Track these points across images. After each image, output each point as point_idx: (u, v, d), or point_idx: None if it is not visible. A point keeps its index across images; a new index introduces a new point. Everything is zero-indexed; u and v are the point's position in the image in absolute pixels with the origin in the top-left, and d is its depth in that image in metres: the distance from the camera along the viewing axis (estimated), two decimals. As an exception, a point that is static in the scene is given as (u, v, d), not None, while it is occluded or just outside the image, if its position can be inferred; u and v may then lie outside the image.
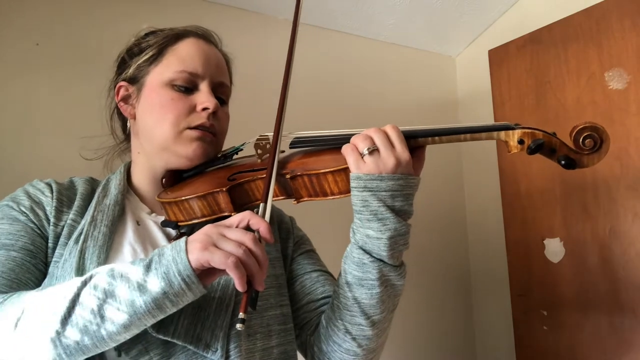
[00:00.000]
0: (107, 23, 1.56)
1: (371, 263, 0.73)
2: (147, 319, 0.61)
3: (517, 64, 1.90)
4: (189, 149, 0.80)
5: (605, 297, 1.61)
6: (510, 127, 0.75)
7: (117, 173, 0.86)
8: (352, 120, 2.04)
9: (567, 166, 0.74)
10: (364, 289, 0.74)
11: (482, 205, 2.29)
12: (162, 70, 0.82)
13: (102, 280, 0.61)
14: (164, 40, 0.84)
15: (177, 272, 0.60)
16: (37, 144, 1.40)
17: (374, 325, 0.76)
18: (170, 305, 0.61)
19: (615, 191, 1.60)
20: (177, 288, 0.60)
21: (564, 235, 1.73)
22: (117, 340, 0.61)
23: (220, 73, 0.86)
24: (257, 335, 0.75)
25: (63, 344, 0.59)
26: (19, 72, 1.41)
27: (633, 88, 1.58)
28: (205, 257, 0.60)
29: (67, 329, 0.59)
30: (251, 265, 0.61)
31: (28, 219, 0.75)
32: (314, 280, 0.89)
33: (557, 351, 1.73)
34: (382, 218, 0.71)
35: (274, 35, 1.89)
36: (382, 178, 0.70)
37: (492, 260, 2.21)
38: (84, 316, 0.59)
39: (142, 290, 0.60)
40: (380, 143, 0.72)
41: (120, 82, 0.86)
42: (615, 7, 1.63)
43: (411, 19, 2.11)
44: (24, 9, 1.44)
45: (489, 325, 2.26)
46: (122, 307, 0.59)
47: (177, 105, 0.80)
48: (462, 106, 2.45)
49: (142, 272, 0.61)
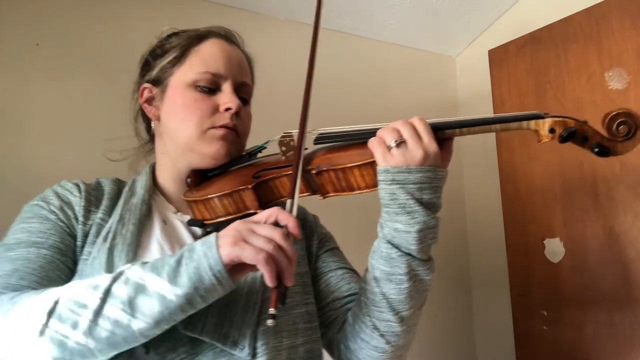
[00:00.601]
0: (107, 23, 1.56)
1: (399, 257, 0.72)
2: (177, 314, 0.61)
3: (517, 64, 1.90)
4: (213, 148, 0.81)
5: (606, 297, 1.61)
6: (541, 116, 0.74)
7: (143, 174, 0.87)
8: (352, 120, 2.04)
9: (600, 154, 0.72)
10: (392, 284, 0.73)
11: (482, 205, 2.29)
12: (185, 71, 0.83)
13: (133, 274, 0.62)
14: (186, 42, 0.85)
15: (208, 267, 0.60)
16: (36, 144, 1.40)
17: (403, 321, 0.75)
18: (201, 300, 0.61)
19: (615, 191, 1.60)
20: (208, 283, 0.60)
21: (564, 235, 1.73)
22: (147, 335, 0.61)
23: (242, 73, 0.87)
24: (283, 333, 0.75)
25: (95, 337, 0.59)
26: (19, 72, 1.41)
27: (633, 88, 1.58)
28: (235, 252, 0.60)
29: (99, 322, 0.59)
30: (281, 260, 0.61)
31: (58, 218, 0.76)
32: (339, 277, 0.88)
33: (557, 351, 1.73)
34: (411, 211, 0.70)
35: (275, 35, 1.89)
36: (410, 170, 0.70)
37: (492, 260, 2.20)
38: (115, 310, 0.59)
39: (173, 285, 0.60)
40: (407, 135, 0.71)
41: (144, 83, 0.87)
42: (616, 7, 1.63)
43: (411, 19, 2.11)
44: (23, 9, 1.44)
45: (489, 325, 2.26)
46: (152, 301, 0.59)
47: (200, 105, 0.81)
48: (462, 106, 2.45)
49: (173, 267, 0.61)
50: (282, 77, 1.88)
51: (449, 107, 2.44)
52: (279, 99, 1.85)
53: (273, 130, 0.89)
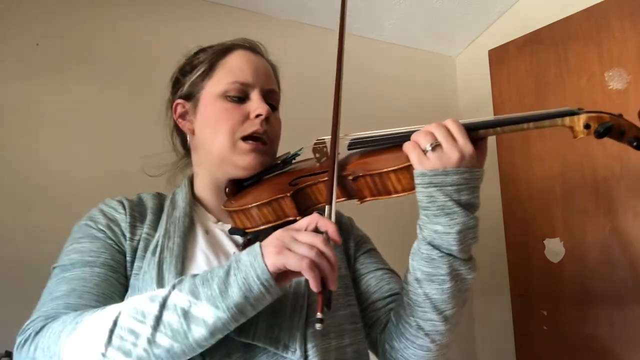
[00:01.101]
0: (107, 23, 1.56)
1: (440, 258, 0.73)
2: (230, 324, 0.64)
3: (517, 64, 1.90)
4: (245, 160, 0.84)
5: (606, 297, 1.61)
6: (575, 112, 0.74)
7: (182, 187, 0.91)
8: (352, 120, 2.03)
9: (639, 147, 0.73)
10: (435, 284, 0.75)
11: (482, 205, 2.29)
12: (214, 83, 0.86)
13: (185, 287, 0.64)
14: (213, 56, 0.88)
15: (255, 277, 0.62)
16: (36, 144, 1.40)
17: (447, 320, 0.77)
18: (251, 308, 0.64)
19: (615, 191, 1.60)
20: (257, 292, 0.63)
21: (564, 235, 1.73)
22: (203, 345, 0.64)
23: (269, 81, 0.91)
24: (330, 334, 0.77)
25: (157, 345, 0.62)
26: (19, 72, 1.41)
27: (633, 88, 1.58)
28: (281, 261, 0.62)
29: (160, 329, 0.62)
30: (324, 266, 0.63)
31: (106, 236, 0.79)
32: (379, 278, 0.90)
33: (557, 351, 1.73)
34: (450, 212, 0.72)
35: (276, 36, 1.89)
36: (447, 172, 0.71)
37: (492, 260, 2.20)
38: (173, 318, 0.62)
39: (224, 296, 0.62)
40: (442, 138, 0.72)
41: (177, 100, 0.91)
42: (615, 7, 1.63)
43: (411, 19, 2.11)
44: (24, 9, 1.44)
45: (489, 325, 2.26)
46: (207, 312, 0.62)
47: (231, 115, 0.84)
48: (462, 106, 2.45)
49: (222, 278, 0.64)
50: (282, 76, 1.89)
51: (449, 107, 2.44)
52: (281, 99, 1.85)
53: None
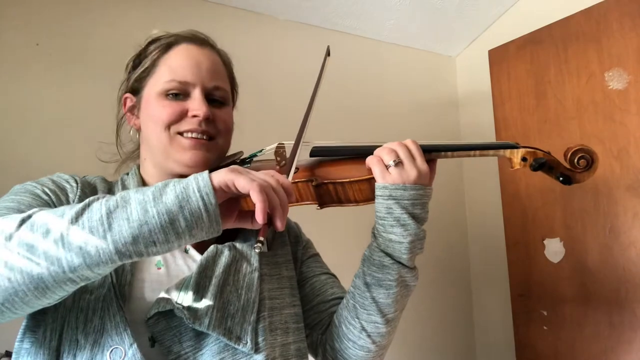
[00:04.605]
0: (107, 23, 1.56)
1: (391, 265, 0.80)
2: (156, 235, 0.57)
3: (517, 64, 1.90)
4: (185, 157, 0.81)
5: (606, 297, 1.61)
6: (514, 146, 0.84)
7: (132, 176, 0.87)
8: (352, 120, 2.04)
9: (564, 182, 0.85)
10: (382, 289, 0.80)
11: (482, 205, 2.29)
12: (155, 82, 0.84)
13: (116, 195, 0.60)
14: (156, 52, 0.85)
15: (196, 189, 0.59)
16: (36, 144, 1.40)
17: (388, 323, 0.83)
18: (184, 223, 0.58)
19: (615, 191, 1.60)
20: (195, 205, 0.58)
21: (564, 235, 1.73)
22: (121, 254, 0.56)
23: (213, 77, 0.86)
24: (277, 331, 0.79)
25: (66, 245, 0.55)
26: (19, 72, 1.41)
27: (633, 88, 1.58)
28: (230, 177, 0.60)
29: (71, 229, 0.56)
30: (273, 198, 0.62)
31: (50, 200, 0.74)
32: (322, 282, 0.94)
33: (557, 351, 1.73)
34: (404, 224, 0.78)
35: (274, 35, 1.89)
36: (406, 188, 0.78)
37: (492, 260, 2.21)
38: (91, 219, 0.56)
39: (157, 200, 0.57)
40: (404, 156, 0.79)
41: (127, 93, 0.89)
42: (615, 7, 1.63)
43: (411, 19, 2.11)
44: (24, 9, 1.44)
45: (489, 325, 2.26)
46: (132, 215, 0.57)
47: (167, 111, 0.81)
48: (462, 106, 2.45)
49: (159, 187, 0.59)
50: (281, 76, 1.89)
51: (449, 107, 2.44)
52: (277, 98, 1.85)
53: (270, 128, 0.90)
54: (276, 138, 0.93)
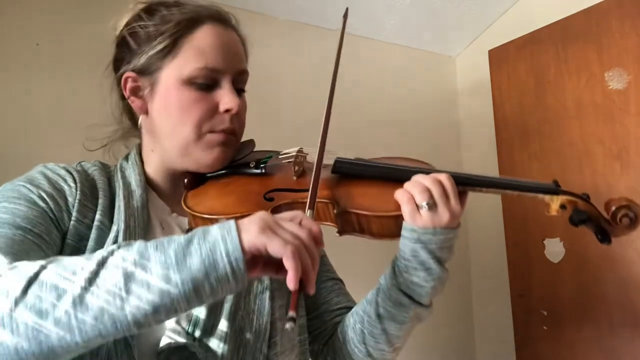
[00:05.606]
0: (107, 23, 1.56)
1: (409, 305, 0.75)
2: (179, 304, 0.50)
3: (517, 64, 1.90)
4: (210, 155, 0.76)
5: (605, 297, 1.61)
6: (555, 191, 0.77)
7: (132, 164, 0.79)
8: (352, 120, 2.04)
9: (602, 241, 0.78)
10: (395, 323, 0.76)
11: (482, 205, 2.29)
12: (179, 65, 0.74)
13: (133, 249, 0.52)
14: (177, 29, 0.75)
15: (224, 253, 0.50)
16: (37, 144, 1.40)
17: (395, 350, 0.80)
18: (209, 291, 0.51)
19: (616, 191, 1.60)
20: (222, 272, 0.50)
21: (564, 235, 1.73)
22: (140, 325, 0.50)
23: (240, 60, 0.80)
24: (285, 352, 0.76)
25: (79, 315, 0.48)
26: (19, 72, 1.41)
27: (633, 88, 1.58)
28: (262, 240, 0.51)
29: (86, 297, 0.48)
30: (306, 261, 0.53)
31: (48, 207, 0.66)
32: (329, 289, 0.90)
33: (557, 351, 1.73)
34: (429, 268, 0.72)
35: (274, 36, 1.89)
36: (435, 232, 0.71)
37: (492, 260, 2.21)
38: (107, 286, 0.49)
39: (181, 266, 0.50)
40: (438, 197, 0.71)
41: (128, 72, 0.78)
42: (615, 7, 1.63)
43: (411, 19, 2.11)
44: (24, 9, 1.44)
45: (489, 325, 2.26)
46: (153, 281, 0.49)
47: (198, 107, 0.74)
48: (462, 106, 2.45)
49: (182, 246, 0.51)
50: (281, 76, 1.88)
51: (449, 107, 2.44)
52: (278, 98, 1.85)
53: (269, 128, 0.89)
54: (275, 138, 0.93)
